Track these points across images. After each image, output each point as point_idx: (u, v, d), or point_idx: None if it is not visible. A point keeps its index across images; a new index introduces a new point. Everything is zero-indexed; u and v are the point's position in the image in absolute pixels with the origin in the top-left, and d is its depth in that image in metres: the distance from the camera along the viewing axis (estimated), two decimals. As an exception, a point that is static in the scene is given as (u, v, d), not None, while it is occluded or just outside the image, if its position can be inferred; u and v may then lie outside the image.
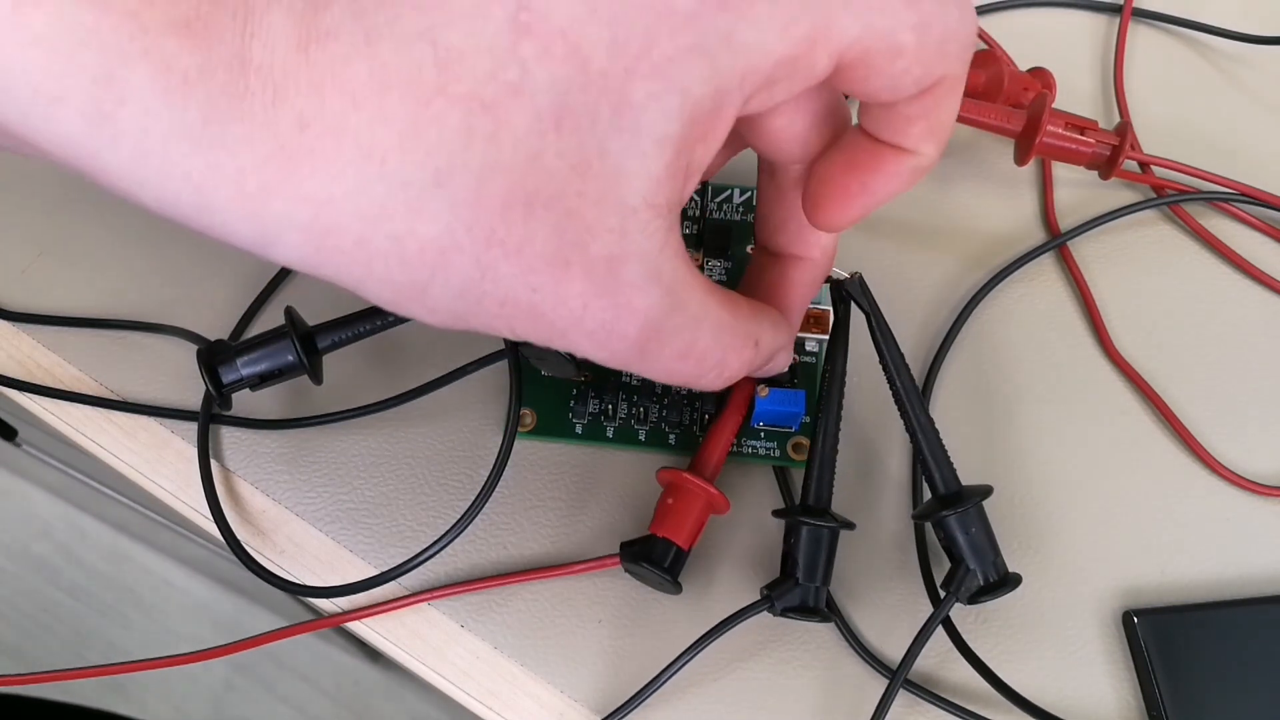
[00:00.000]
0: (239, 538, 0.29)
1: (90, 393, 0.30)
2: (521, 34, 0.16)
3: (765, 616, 0.27)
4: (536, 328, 0.19)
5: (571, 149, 0.17)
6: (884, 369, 0.27)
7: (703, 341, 0.21)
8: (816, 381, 0.30)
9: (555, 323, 0.19)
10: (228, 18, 0.16)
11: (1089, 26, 0.40)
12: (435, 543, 0.28)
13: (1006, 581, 0.26)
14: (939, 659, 0.28)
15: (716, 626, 0.27)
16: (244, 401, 0.30)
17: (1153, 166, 0.36)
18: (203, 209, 0.17)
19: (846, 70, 0.19)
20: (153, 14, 0.15)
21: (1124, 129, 0.33)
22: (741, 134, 0.23)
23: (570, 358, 0.27)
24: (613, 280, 0.19)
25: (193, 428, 0.30)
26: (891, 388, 0.27)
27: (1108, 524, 0.31)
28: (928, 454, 0.27)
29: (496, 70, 0.16)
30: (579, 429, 0.30)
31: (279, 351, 0.27)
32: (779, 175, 0.24)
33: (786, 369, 0.27)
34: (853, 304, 0.27)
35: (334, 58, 0.16)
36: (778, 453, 0.30)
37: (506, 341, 0.28)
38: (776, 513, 0.27)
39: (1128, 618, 0.29)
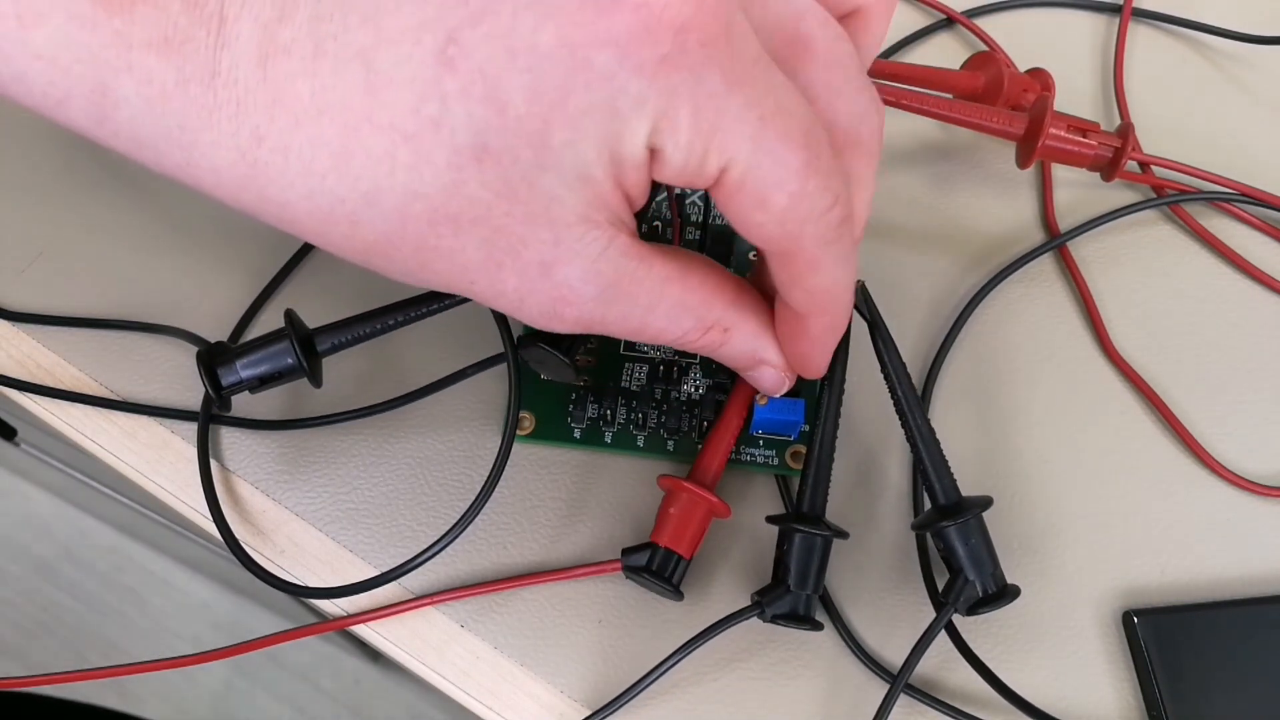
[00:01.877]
0: (238, 538, 0.29)
1: (90, 393, 0.30)
2: (446, 68, 0.17)
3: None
4: (486, 303, 0.21)
5: (494, 179, 0.18)
6: (885, 378, 0.27)
7: (657, 322, 0.22)
8: (817, 389, 0.30)
9: (497, 305, 0.20)
10: (202, 32, 0.17)
11: (1089, 26, 0.40)
12: (435, 544, 0.28)
13: (1005, 593, 0.26)
14: (939, 661, 0.28)
15: (703, 632, 0.27)
16: (244, 402, 0.30)
17: (1152, 166, 0.36)
18: (193, 187, 0.19)
19: (720, 184, 0.19)
20: (135, 32, 0.17)
21: (1126, 130, 0.33)
22: None
23: (570, 363, 0.27)
24: (547, 280, 0.19)
25: (193, 428, 0.30)
26: (893, 396, 0.27)
27: (1108, 524, 0.31)
28: (928, 463, 0.27)
29: (419, 104, 0.17)
30: (577, 433, 0.30)
31: (278, 354, 0.27)
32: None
33: (777, 392, 0.27)
34: (854, 313, 0.27)
35: (285, 75, 0.17)
36: (776, 461, 0.30)
37: (507, 344, 0.28)
38: (771, 519, 0.27)
39: (1128, 618, 0.29)
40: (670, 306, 0.22)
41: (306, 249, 0.33)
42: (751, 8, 0.19)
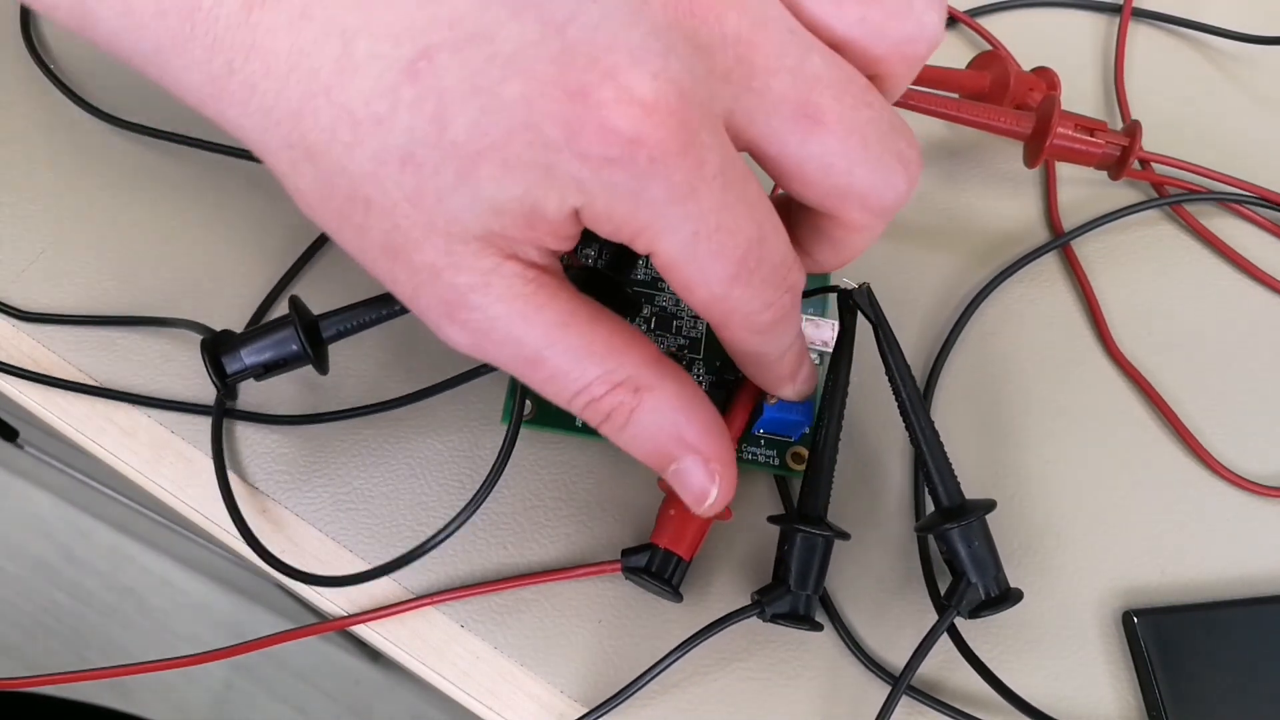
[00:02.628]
0: (251, 533, 0.29)
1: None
2: (409, 77, 0.18)
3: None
4: (388, 288, 0.21)
5: (409, 185, 0.19)
6: (890, 380, 0.27)
7: (556, 359, 0.21)
8: (819, 391, 0.30)
9: (397, 293, 0.21)
10: None
11: (1089, 26, 0.40)
12: (443, 529, 0.28)
13: (1007, 597, 0.26)
14: (940, 662, 0.28)
15: (702, 630, 0.27)
16: (247, 399, 0.30)
17: (1157, 165, 0.36)
18: (168, 93, 0.21)
19: (650, 256, 0.20)
20: None
21: (1134, 129, 0.33)
22: None
23: None
24: (436, 281, 0.20)
25: (194, 428, 0.30)
26: (896, 398, 0.27)
27: (1108, 524, 0.30)
28: (931, 465, 0.27)
29: (372, 98, 0.18)
30: (579, 422, 0.30)
31: (283, 341, 0.26)
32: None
33: (704, 501, 0.23)
34: (859, 314, 0.27)
35: (268, 26, 0.18)
36: (777, 461, 0.30)
37: None
38: (772, 519, 0.27)
39: (1128, 618, 0.29)
40: (574, 345, 0.21)
41: (313, 250, 0.33)
42: (749, 88, 0.19)
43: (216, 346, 0.27)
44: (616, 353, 0.21)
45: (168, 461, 0.30)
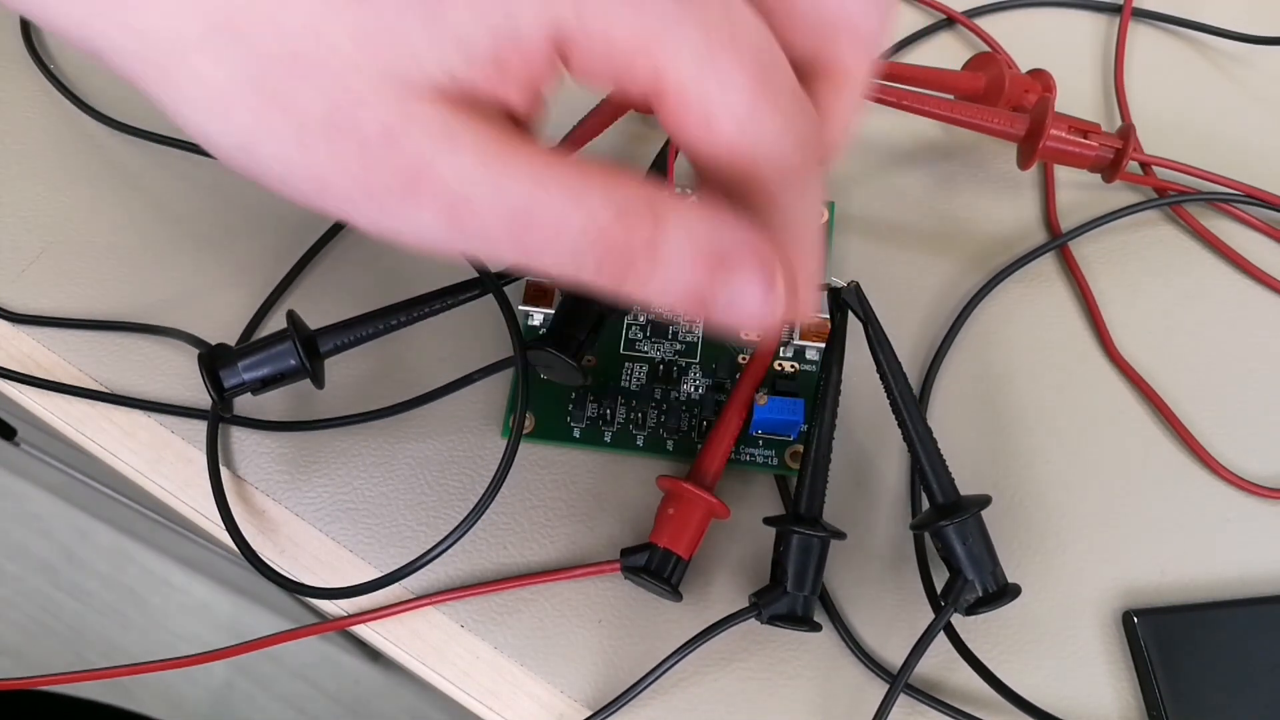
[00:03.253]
0: (247, 540, 0.29)
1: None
2: None
3: (765, 618, 0.27)
4: (323, 194, 0.18)
5: (361, 24, 0.16)
6: (881, 378, 0.27)
7: (554, 201, 0.17)
8: (815, 390, 0.30)
9: (340, 196, 0.17)
10: None
11: (1089, 26, 0.40)
12: (443, 541, 0.28)
13: (1005, 593, 0.26)
14: (939, 662, 0.28)
15: (700, 634, 0.27)
16: (246, 402, 0.30)
17: (1154, 167, 0.36)
18: (47, 22, 0.17)
19: (658, 94, 0.17)
20: None
21: (1127, 132, 0.33)
22: None
23: (576, 366, 0.27)
24: (391, 149, 0.17)
25: (193, 428, 0.30)
26: (889, 397, 0.27)
27: (1108, 524, 0.31)
28: (925, 463, 0.27)
29: None
30: (577, 433, 0.30)
31: (281, 355, 0.27)
32: None
33: (770, 309, 0.18)
34: (849, 312, 0.27)
35: None
36: (775, 461, 0.30)
37: (516, 347, 0.28)
38: (768, 520, 0.27)
39: (1128, 618, 0.29)
40: (569, 179, 0.17)
41: (311, 255, 0.33)
42: None
43: (214, 360, 0.27)
44: (618, 181, 0.18)
45: (168, 462, 0.30)
